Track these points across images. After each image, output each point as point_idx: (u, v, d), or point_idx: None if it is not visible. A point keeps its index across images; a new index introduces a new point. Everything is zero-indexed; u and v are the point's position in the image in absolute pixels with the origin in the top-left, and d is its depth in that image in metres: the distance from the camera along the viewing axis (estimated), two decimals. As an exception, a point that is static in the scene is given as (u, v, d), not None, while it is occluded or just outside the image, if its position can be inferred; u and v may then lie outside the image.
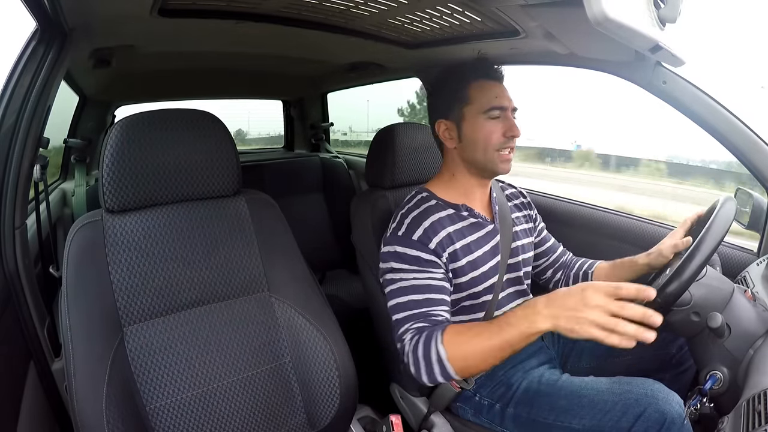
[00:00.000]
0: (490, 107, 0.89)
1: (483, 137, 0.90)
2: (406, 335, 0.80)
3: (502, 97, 0.90)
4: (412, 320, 0.81)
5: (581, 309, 0.61)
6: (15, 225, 0.79)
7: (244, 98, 2.34)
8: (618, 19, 0.51)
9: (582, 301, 0.62)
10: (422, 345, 0.77)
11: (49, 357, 0.85)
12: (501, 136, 0.89)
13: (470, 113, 0.91)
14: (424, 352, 0.76)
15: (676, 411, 0.70)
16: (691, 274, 0.65)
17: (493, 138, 0.89)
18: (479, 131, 0.90)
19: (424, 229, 0.87)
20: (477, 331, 0.73)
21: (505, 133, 0.89)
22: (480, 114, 0.90)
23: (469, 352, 0.72)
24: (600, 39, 0.69)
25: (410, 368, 0.79)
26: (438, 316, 0.82)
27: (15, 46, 0.80)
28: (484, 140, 0.90)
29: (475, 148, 0.91)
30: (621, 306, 0.59)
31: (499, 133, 0.89)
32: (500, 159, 0.91)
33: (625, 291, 0.60)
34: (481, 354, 0.71)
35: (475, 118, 0.90)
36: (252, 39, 1.12)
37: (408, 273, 0.85)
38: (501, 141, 0.89)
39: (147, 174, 0.78)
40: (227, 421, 0.77)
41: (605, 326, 0.59)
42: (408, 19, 0.93)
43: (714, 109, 0.90)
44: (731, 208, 0.71)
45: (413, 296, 0.83)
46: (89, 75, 1.31)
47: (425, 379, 0.77)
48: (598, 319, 0.60)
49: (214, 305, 0.82)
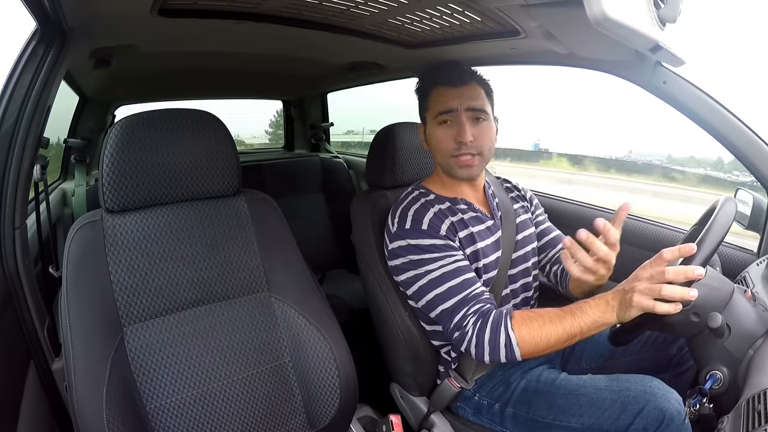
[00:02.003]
0: (437, 113, 0.91)
1: (435, 143, 0.93)
2: (467, 321, 0.81)
3: (452, 101, 0.89)
4: (464, 306, 0.82)
5: (631, 286, 0.67)
6: (15, 225, 0.79)
7: (244, 98, 2.34)
8: (618, 19, 0.51)
9: (633, 280, 0.67)
10: (489, 329, 0.78)
11: (49, 357, 0.85)
12: (453, 142, 0.90)
13: (429, 119, 0.94)
14: (491, 335, 0.78)
15: (675, 408, 0.70)
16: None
17: (442, 144, 0.91)
18: (433, 137, 0.93)
19: (429, 219, 0.88)
20: (548, 317, 0.75)
21: (455, 138, 0.89)
22: (433, 120, 0.92)
23: (540, 337, 0.75)
24: (600, 39, 0.69)
25: (471, 350, 0.80)
26: (484, 293, 0.83)
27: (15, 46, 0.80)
28: (436, 146, 0.93)
29: (435, 153, 0.94)
30: (662, 270, 0.63)
31: (450, 139, 0.90)
32: (457, 164, 0.91)
33: (668, 254, 0.64)
34: (550, 339, 0.74)
35: (431, 124, 0.93)
36: (252, 39, 1.12)
37: (432, 262, 0.85)
38: (453, 146, 0.90)
39: (147, 174, 0.78)
40: (227, 420, 0.77)
41: (651, 293, 0.64)
42: (408, 19, 0.92)
43: (714, 109, 0.90)
44: (731, 208, 0.71)
45: (450, 283, 0.83)
46: (89, 75, 1.30)
47: (487, 359, 0.79)
48: (644, 288, 0.64)
49: (214, 305, 0.82)
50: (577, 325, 0.71)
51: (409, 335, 0.96)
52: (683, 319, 0.70)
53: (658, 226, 1.21)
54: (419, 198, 0.93)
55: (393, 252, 0.90)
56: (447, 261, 0.85)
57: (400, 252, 0.88)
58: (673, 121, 0.97)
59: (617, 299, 0.69)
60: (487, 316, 0.79)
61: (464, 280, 0.83)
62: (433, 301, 0.84)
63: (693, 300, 0.63)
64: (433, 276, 0.84)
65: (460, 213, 0.93)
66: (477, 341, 0.79)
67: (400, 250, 0.88)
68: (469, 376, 0.92)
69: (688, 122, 0.93)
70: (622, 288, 0.69)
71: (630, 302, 0.66)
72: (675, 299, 0.62)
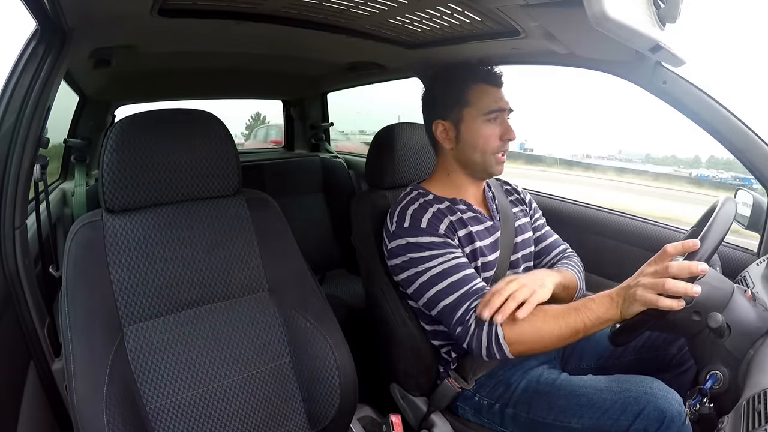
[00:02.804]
0: (489, 110, 0.90)
1: (482, 140, 0.91)
2: (469, 315, 0.81)
3: (501, 101, 0.92)
4: (466, 301, 0.82)
5: (636, 281, 0.67)
6: (15, 225, 0.79)
7: (244, 98, 2.34)
8: (618, 18, 0.51)
9: (638, 275, 0.68)
10: (486, 324, 0.78)
11: (49, 357, 0.85)
12: (498, 140, 0.91)
13: (469, 116, 0.92)
14: (487, 331, 0.78)
15: (676, 409, 0.70)
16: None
17: (490, 141, 0.91)
18: (478, 134, 0.92)
19: (428, 219, 0.88)
20: (551, 313, 0.75)
21: (502, 136, 0.91)
22: (479, 117, 0.91)
23: (540, 333, 0.75)
24: (600, 39, 0.69)
25: (472, 345, 0.80)
26: (484, 288, 0.84)
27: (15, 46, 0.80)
28: (483, 143, 0.91)
29: (473, 150, 0.93)
30: (666, 266, 0.64)
31: (497, 137, 0.91)
32: (496, 161, 0.93)
33: (672, 248, 0.65)
34: (552, 334, 0.74)
35: (474, 121, 0.92)
36: (252, 39, 1.12)
37: (432, 260, 0.85)
38: (498, 144, 0.92)
39: (147, 174, 0.78)
40: (227, 421, 0.77)
41: (655, 288, 0.64)
42: (408, 19, 0.92)
43: (714, 109, 0.90)
44: (731, 208, 0.71)
45: (450, 279, 0.84)
46: (89, 75, 1.30)
47: (484, 354, 0.79)
48: (648, 283, 0.64)
49: (214, 305, 0.82)
50: (581, 321, 0.72)
51: (409, 335, 0.96)
52: (683, 318, 0.70)
53: (659, 226, 1.22)
54: (418, 198, 0.93)
55: (392, 251, 0.90)
56: (447, 258, 0.85)
57: (399, 251, 0.88)
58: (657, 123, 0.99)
59: (621, 295, 0.70)
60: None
61: (465, 275, 0.84)
62: (434, 298, 0.85)
63: (696, 296, 0.63)
64: (433, 273, 0.85)
65: (459, 212, 0.93)
66: (477, 336, 0.79)
67: (399, 248, 0.88)
68: (469, 376, 0.92)
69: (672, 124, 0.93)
70: (626, 284, 0.70)
71: (633, 297, 0.66)
72: (678, 294, 0.62)
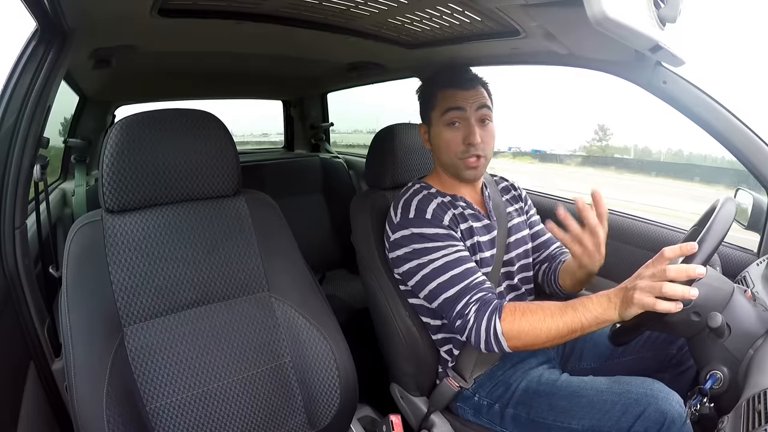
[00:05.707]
0: (445, 110, 0.91)
1: (443, 144, 0.93)
2: (469, 308, 0.81)
3: (459, 100, 0.90)
4: (467, 294, 0.82)
5: (633, 284, 0.67)
6: (15, 225, 0.79)
7: (245, 98, 2.34)
8: (618, 18, 0.51)
9: (635, 278, 0.67)
10: (486, 318, 0.78)
11: (49, 357, 0.85)
12: (461, 144, 0.90)
13: (435, 119, 0.93)
14: (486, 324, 0.78)
15: (676, 410, 0.70)
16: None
17: (452, 145, 0.91)
18: (440, 138, 0.93)
19: (432, 210, 0.88)
20: (549, 310, 0.75)
21: (464, 140, 0.90)
22: (439, 120, 0.92)
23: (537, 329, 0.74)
24: (600, 39, 0.69)
25: (471, 337, 0.80)
26: (485, 282, 0.84)
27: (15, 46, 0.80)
28: (445, 147, 0.92)
29: (440, 154, 0.94)
30: (664, 269, 0.63)
31: (459, 141, 0.91)
32: (465, 166, 0.92)
33: (669, 252, 0.65)
34: (550, 331, 0.73)
35: (437, 124, 0.93)
36: (252, 39, 1.12)
37: (435, 251, 0.85)
38: (462, 149, 0.91)
39: (147, 174, 0.78)
40: (227, 421, 0.77)
41: (652, 291, 0.63)
42: (408, 19, 0.92)
43: (714, 109, 0.90)
44: (731, 208, 0.71)
45: (452, 272, 0.84)
46: (89, 75, 1.30)
47: (482, 347, 0.79)
48: (645, 286, 0.64)
49: (214, 305, 0.82)
50: (578, 320, 0.71)
51: (409, 335, 0.96)
52: (683, 318, 0.70)
53: (658, 226, 1.21)
54: (421, 190, 0.93)
55: (395, 242, 0.90)
56: (449, 250, 0.85)
57: (402, 242, 0.88)
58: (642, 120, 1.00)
59: (619, 297, 0.69)
60: (487, 305, 0.80)
61: (466, 269, 0.84)
62: (435, 290, 0.85)
63: (694, 299, 0.63)
64: (436, 265, 0.85)
65: (460, 208, 0.94)
66: (476, 329, 0.79)
67: (403, 239, 0.88)
68: (468, 374, 0.92)
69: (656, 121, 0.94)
70: (624, 286, 0.69)
71: (631, 300, 0.66)
72: (676, 297, 0.62)
